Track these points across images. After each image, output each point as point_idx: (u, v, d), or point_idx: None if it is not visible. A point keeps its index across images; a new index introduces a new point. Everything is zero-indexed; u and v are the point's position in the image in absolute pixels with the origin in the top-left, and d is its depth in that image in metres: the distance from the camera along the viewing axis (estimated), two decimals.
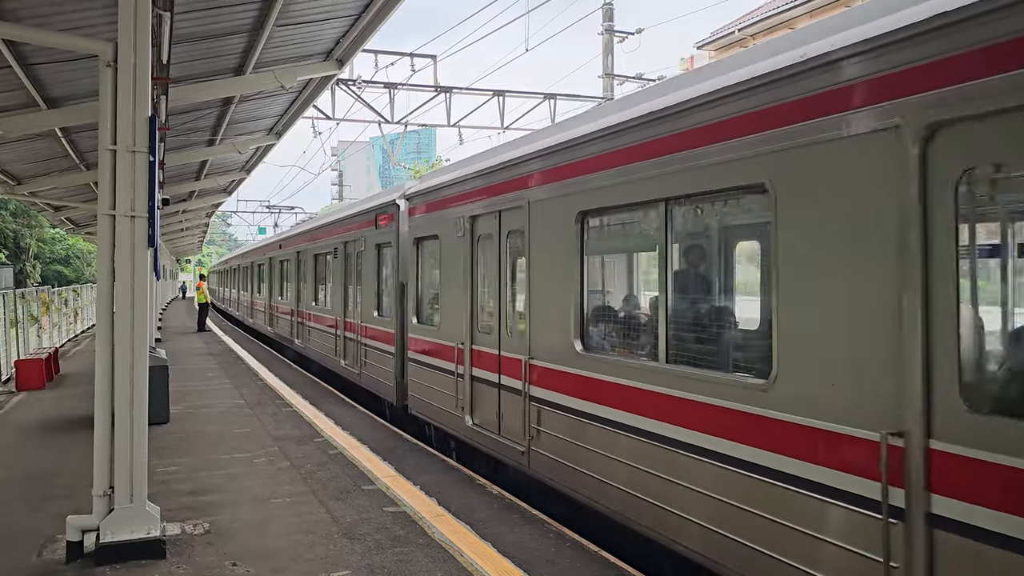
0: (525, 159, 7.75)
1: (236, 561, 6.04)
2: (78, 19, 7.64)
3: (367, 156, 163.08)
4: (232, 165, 20.17)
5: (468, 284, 9.09)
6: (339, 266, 15.93)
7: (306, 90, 12.89)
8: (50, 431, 11.29)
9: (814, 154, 4.26)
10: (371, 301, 13.53)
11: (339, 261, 15.91)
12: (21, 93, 9.53)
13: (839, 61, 4.13)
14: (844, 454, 4.10)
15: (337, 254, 16.05)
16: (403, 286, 11.81)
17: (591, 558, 6.11)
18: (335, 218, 16.97)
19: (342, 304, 15.61)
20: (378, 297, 13.31)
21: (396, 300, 12.11)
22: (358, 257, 14.46)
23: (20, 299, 18.69)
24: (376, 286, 13.37)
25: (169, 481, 8.31)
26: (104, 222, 6.05)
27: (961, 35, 3.52)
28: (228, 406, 13.21)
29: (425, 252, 10.96)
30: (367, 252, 13.78)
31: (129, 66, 5.99)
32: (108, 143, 6.03)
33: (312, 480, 8.39)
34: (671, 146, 5.47)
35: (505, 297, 8.31)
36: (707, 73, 5.42)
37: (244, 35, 9.39)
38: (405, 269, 11.70)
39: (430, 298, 10.93)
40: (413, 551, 6.21)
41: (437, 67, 19.53)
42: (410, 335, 11.23)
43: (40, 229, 56.29)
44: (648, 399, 5.77)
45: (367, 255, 13.79)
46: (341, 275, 15.79)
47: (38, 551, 6.29)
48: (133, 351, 6.02)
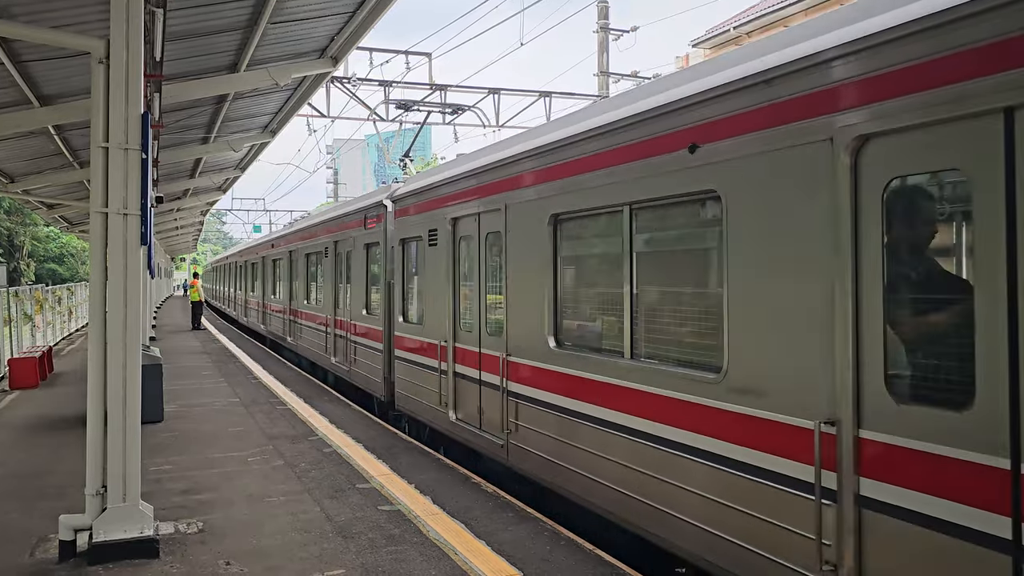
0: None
1: (230, 560, 6.02)
2: (71, 16, 7.60)
3: (362, 154, 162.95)
4: (226, 163, 20.10)
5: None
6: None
7: (300, 88, 12.84)
8: (43, 430, 11.25)
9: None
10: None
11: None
12: (13, 90, 9.48)
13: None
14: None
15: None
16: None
17: (586, 556, 6.10)
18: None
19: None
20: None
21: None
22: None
23: (14, 297, 18.63)
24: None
25: (163, 480, 8.29)
26: (96, 220, 6.03)
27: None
28: (222, 404, 13.18)
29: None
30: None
31: (121, 63, 5.96)
32: (100, 140, 6.00)
33: (306, 479, 8.37)
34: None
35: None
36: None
37: (238, 32, 9.35)
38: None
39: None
40: (408, 550, 6.20)
41: (432, 64, 19.50)
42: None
43: (34, 227, 56.12)
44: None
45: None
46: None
47: (30, 550, 6.26)
48: (126, 349, 6.00)
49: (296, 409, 12.69)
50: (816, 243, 4.26)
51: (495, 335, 8.26)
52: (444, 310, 9.48)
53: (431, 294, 10.03)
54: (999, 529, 3.39)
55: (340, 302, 15.46)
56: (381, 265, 12.58)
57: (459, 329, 9.23)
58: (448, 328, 9.39)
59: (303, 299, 19.26)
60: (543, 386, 7.22)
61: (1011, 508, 3.35)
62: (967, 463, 3.52)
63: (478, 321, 8.68)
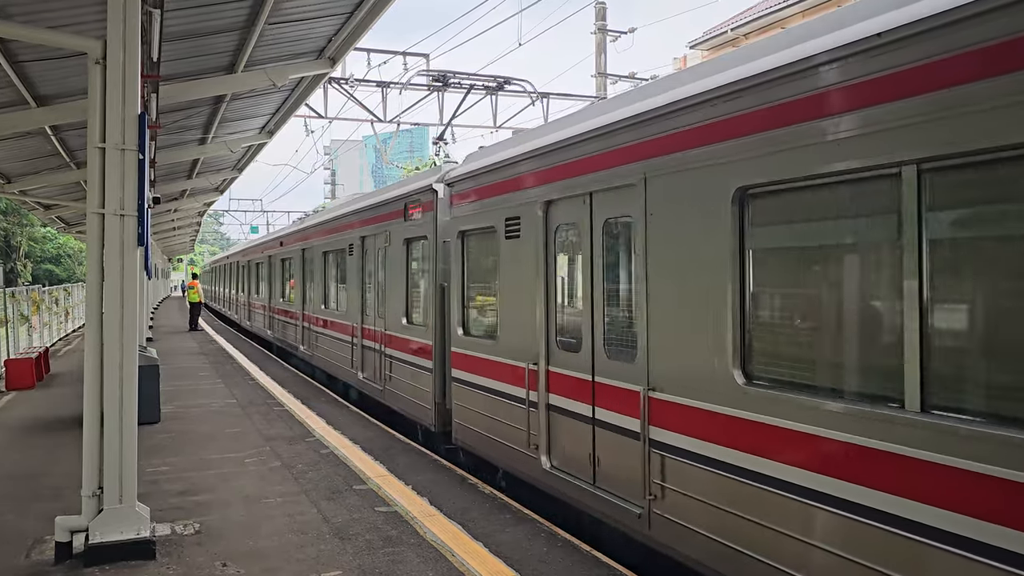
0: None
1: (227, 561, 6.00)
2: (67, 16, 7.59)
3: (360, 155, 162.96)
4: (224, 164, 20.08)
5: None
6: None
7: (298, 89, 12.83)
8: (39, 431, 11.22)
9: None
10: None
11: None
12: (10, 91, 9.47)
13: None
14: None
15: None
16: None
17: (583, 557, 6.10)
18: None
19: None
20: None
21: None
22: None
23: (10, 298, 18.59)
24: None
25: (159, 481, 8.27)
26: (93, 221, 6.01)
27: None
28: (219, 405, 13.16)
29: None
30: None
31: (118, 63, 5.95)
32: (97, 141, 5.99)
33: (303, 480, 8.36)
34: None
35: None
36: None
37: (235, 33, 9.34)
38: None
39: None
40: (405, 551, 6.19)
41: (430, 66, 19.49)
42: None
43: (31, 228, 56.05)
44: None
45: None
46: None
47: (26, 552, 6.24)
48: (122, 350, 5.99)
49: (293, 410, 12.67)
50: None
51: (621, 359, 6.18)
52: (532, 322, 7.37)
53: (510, 301, 7.89)
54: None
55: (370, 308, 13.17)
56: (428, 264, 10.40)
57: (555, 348, 7.14)
58: (539, 347, 7.27)
59: (320, 304, 16.96)
60: (720, 439, 5.07)
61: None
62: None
63: (589, 339, 6.56)
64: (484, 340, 8.57)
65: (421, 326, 10.70)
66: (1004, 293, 3.71)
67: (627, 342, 6.17)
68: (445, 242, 9.90)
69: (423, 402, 10.47)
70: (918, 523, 3.83)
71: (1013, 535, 3.43)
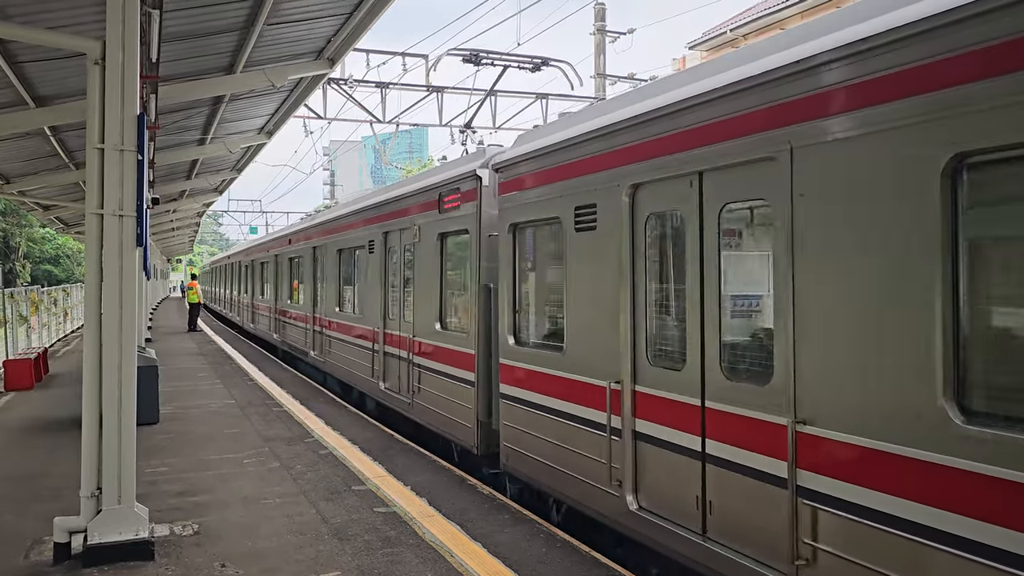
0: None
1: (225, 562, 6.00)
2: (67, 17, 7.59)
3: (359, 156, 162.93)
4: (223, 164, 20.09)
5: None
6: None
7: (297, 89, 12.84)
8: (38, 432, 11.22)
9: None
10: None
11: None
12: (9, 91, 9.47)
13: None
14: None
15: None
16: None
17: (582, 558, 6.10)
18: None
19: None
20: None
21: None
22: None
23: (9, 299, 18.58)
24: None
25: (158, 482, 8.27)
26: (92, 221, 6.02)
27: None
28: (218, 406, 13.15)
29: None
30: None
31: (117, 64, 5.96)
32: (96, 142, 6.00)
33: (302, 480, 8.36)
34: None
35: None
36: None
37: (234, 33, 9.35)
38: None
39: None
40: (403, 552, 6.20)
41: (430, 67, 19.50)
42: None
43: (30, 228, 56.03)
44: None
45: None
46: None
47: (25, 553, 6.24)
48: (121, 351, 5.99)
49: (292, 411, 12.67)
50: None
51: (748, 381, 4.97)
52: (612, 332, 6.16)
53: (581, 305, 6.67)
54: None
55: (393, 312, 11.89)
56: (469, 262, 9.15)
57: (646, 364, 5.91)
58: (623, 362, 6.04)
59: (334, 306, 15.65)
60: (916, 493, 3.85)
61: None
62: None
63: (697, 354, 5.32)
64: (545, 352, 7.35)
65: (460, 333, 9.40)
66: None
67: (757, 359, 5.01)
68: (491, 236, 8.69)
69: (462, 420, 9.15)
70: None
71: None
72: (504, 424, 8.06)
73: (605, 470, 6.22)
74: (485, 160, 8.88)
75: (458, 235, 9.67)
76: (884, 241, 4.05)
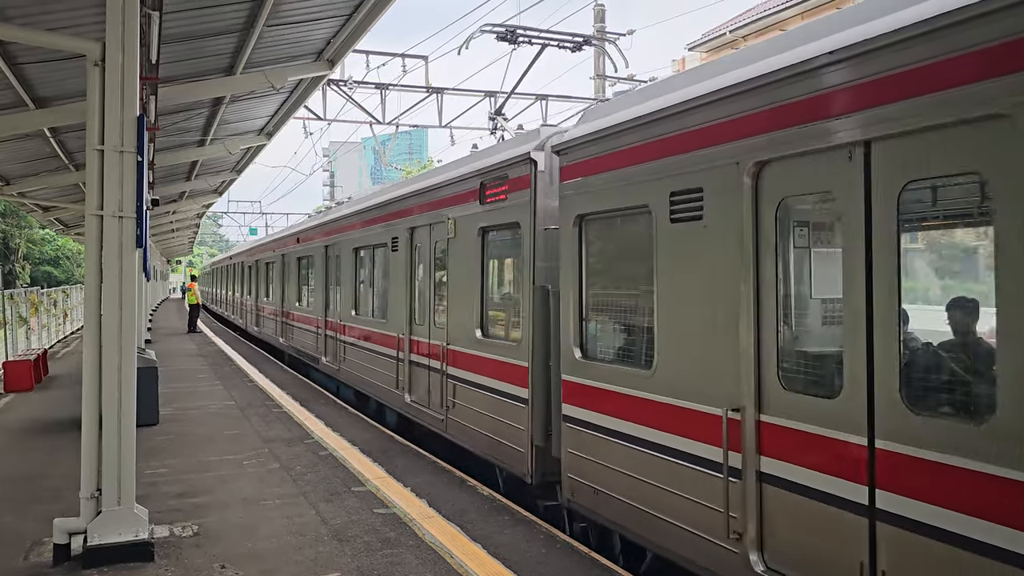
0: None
1: (225, 563, 6.01)
2: (66, 18, 7.59)
3: (359, 157, 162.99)
4: (223, 166, 20.10)
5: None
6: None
7: (297, 90, 12.85)
8: (38, 433, 11.22)
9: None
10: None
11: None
12: (9, 93, 9.47)
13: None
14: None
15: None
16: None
17: (581, 559, 6.11)
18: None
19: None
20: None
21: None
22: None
23: (9, 300, 18.59)
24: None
25: (158, 483, 8.27)
26: (92, 223, 6.02)
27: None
28: (218, 407, 13.15)
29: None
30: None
31: (117, 66, 5.96)
32: (96, 143, 6.00)
33: (302, 482, 8.36)
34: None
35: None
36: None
37: (234, 35, 9.35)
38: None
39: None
40: (403, 553, 6.20)
41: (428, 67, 19.52)
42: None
43: (29, 230, 55.99)
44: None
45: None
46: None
47: (24, 554, 6.24)
48: (121, 352, 5.99)
49: (292, 412, 12.67)
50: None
51: (944, 416, 3.91)
52: (727, 346, 4.97)
53: (679, 312, 5.47)
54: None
55: (422, 316, 10.75)
56: (520, 260, 8.01)
57: (777, 388, 4.66)
58: (744, 384, 4.83)
59: (350, 310, 14.42)
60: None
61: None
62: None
63: (863, 378, 4.13)
64: (625, 368, 6.16)
65: (508, 342, 8.26)
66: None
67: (962, 387, 4.00)
68: (547, 230, 7.62)
69: (512, 443, 7.97)
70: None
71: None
72: (568, 452, 6.82)
73: (718, 519, 4.99)
74: (540, 142, 7.68)
75: (505, 229, 8.54)
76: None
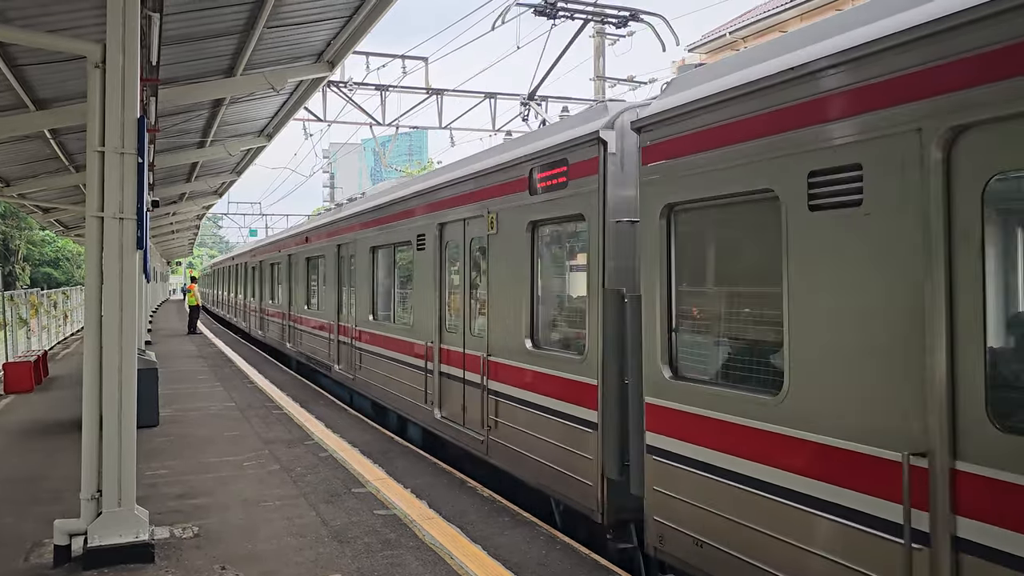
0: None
1: (225, 565, 6.01)
2: (67, 20, 7.60)
3: (359, 158, 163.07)
4: (223, 167, 20.12)
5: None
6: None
7: (297, 92, 12.86)
8: (38, 434, 11.22)
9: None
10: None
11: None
12: (9, 94, 9.48)
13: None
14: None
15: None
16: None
17: (581, 560, 6.11)
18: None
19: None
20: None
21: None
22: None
23: (9, 301, 18.59)
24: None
25: (158, 484, 8.27)
26: (92, 224, 6.03)
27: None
28: (218, 409, 13.15)
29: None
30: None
31: (117, 67, 5.97)
32: (96, 145, 6.01)
33: (302, 483, 8.36)
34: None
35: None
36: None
37: (234, 37, 9.36)
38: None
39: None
40: (404, 554, 6.20)
41: (428, 69, 19.54)
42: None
43: (29, 231, 55.99)
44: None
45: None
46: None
47: (25, 555, 6.24)
48: (121, 354, 6.00)
49: (292, 413, 12.67)
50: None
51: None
52: (904, 372, 3.88)
53: (825, 325, 4.36)
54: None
55: (454, 323, 9.69)
56: (584, 258, 6.92)
57: (984, 429, 3.55)
58: (934, 420, 3.73)
59: (367, 314, 13.31)
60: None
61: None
62: None
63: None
64: (738, 393, 5.00)
65: (569, 355, 7.08)
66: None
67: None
68: (618, 223, 6.45)
69: (575, 474, 6.80)
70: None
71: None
72: (653, 490, 5.68)
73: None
74: (609, 119, 6.50)
75: (564, 223, 7.44)
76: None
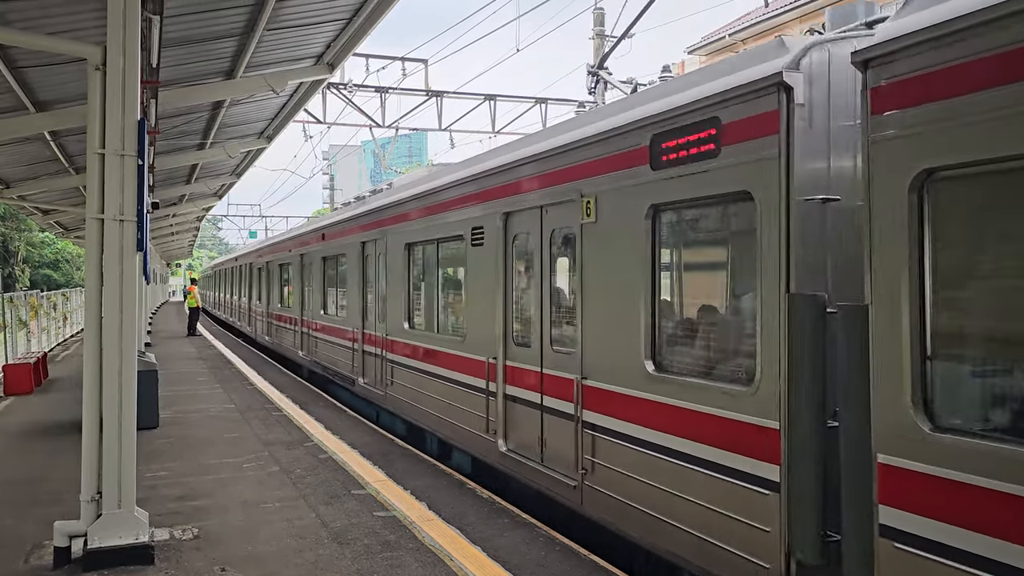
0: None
1: (225, 566, 6.01)
2: (67, 22, 7.61)
3: (359, 160, 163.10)
4: (222, 169, 20.13)
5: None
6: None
7: (296, 94, 12.87)
8: (38, 436, 11.22)
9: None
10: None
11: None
12: (9, 96, 9.49)
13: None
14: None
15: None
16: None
17: (581, 562, 6.11)
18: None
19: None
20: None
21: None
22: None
23: (8, 303, 18.59)
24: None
25: (158, 486, 8.28)
26: (92, 226, 6.04)
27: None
28: (218, 410, 13.16)
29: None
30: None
31: (118, 69, 5.98)
32: (97, 147, 6.02)
33: (302, 485, 8.36)
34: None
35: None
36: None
37: (234, 39, 9.38)
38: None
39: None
40: (403, 555, 6.20)
41: (428, 71, 19.58)
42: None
43: (29, 233, 55.98)
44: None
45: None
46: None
47: (25, 557, 6.25)
48: (121, 355, 6.00)
49: (292, 415, 12.67)
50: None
51: None
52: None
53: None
54: None
55: (527, 337, 7.91)
56: (755, 254, 4.90)
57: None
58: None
59: (401, 322, 11.50)
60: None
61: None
62: None
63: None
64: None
65: (723, 386, 5.23)
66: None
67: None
68: (807, 202, 4.66)
69: (740, 549, 4.97)
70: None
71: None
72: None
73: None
74: (793, 58, 4.71)
75: (709, 205, 5.53)
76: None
